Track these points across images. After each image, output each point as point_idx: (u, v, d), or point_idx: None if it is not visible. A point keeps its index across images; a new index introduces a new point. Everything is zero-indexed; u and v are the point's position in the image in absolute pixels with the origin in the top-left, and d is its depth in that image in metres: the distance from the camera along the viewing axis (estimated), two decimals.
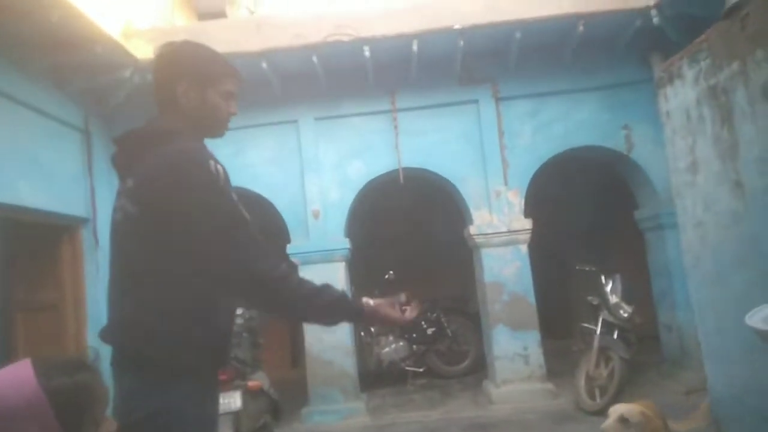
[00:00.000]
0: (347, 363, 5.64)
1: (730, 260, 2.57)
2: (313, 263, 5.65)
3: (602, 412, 4.62)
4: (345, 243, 5.79)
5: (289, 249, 5.69)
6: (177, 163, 1.47)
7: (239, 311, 4.43)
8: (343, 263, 5.79)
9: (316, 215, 5.80)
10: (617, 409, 1.98)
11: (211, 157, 1.56)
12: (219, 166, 1.53)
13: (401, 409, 5.73)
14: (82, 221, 5.03)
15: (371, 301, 1.63)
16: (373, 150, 5.85)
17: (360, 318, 1.65)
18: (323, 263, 5.68)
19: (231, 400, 3.70)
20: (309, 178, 5.82)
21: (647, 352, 5.81)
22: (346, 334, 5.69)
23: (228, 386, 3.75)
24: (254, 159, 5.83)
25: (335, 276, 5.70)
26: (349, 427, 5.20)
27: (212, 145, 1.65)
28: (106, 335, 1.54)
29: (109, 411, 1.18)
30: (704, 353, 2.88)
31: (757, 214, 2.36)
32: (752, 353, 2.32)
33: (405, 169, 5.77)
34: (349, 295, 1.65)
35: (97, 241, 5.10)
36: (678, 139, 2.96)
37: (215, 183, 1.47)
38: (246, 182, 5.69)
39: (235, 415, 3.75)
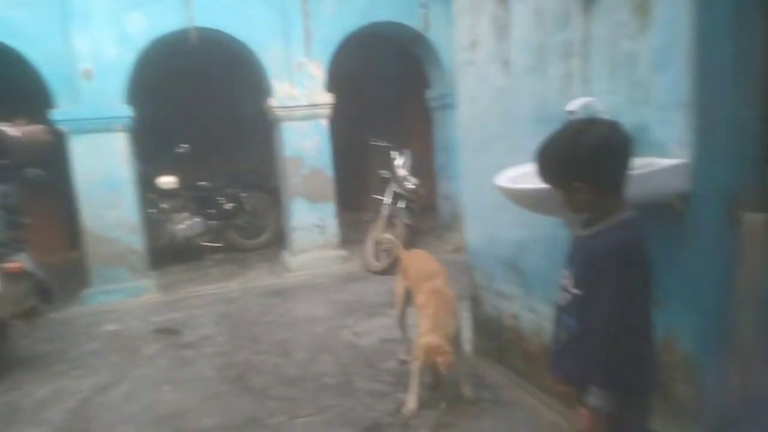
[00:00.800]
0: (133, 240, 5.26)
1: (492, 133, 2.92)
2: (87, 132, 4.95)
3: (386, 272, 5.21)
4: (126, 110, 5.12)
5: (54, 115, 4.83)
6: None
7: None
8: (125, 133, 5.16)
9: (87, 75, 4.95)
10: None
11: None
12: None
13: (196, 283, 5.66)
14: None
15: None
16: (158, 2, 5.06)
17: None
18: (100, 132, 5.02)
19: None
20: (76, 28, 4.86)
21: (428, 220, 6.57)
22: (131, 210, 5.24)
23: None
24: None
25: (115, 147, 5.10)
26: (136, 305, 4.98)
27: None
28: None
29: None
30: (466, 215, 3.33)
31: (516, 91, 2.67)
32: (497, 211, 2.77)
33: (199, 29, 5.15)
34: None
35: None
36: (463, 17, 3.11)
37: None
38: None
39: None
